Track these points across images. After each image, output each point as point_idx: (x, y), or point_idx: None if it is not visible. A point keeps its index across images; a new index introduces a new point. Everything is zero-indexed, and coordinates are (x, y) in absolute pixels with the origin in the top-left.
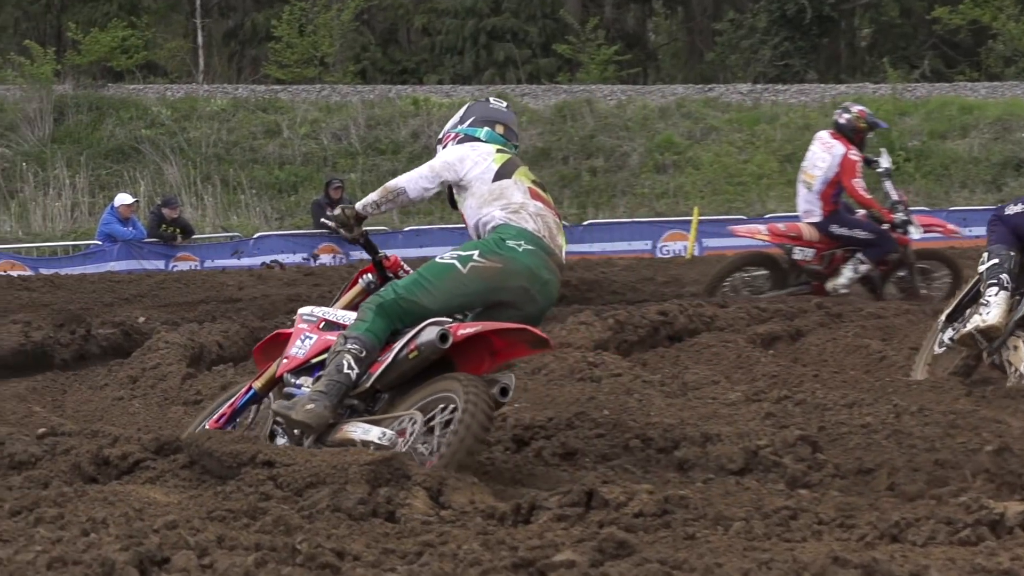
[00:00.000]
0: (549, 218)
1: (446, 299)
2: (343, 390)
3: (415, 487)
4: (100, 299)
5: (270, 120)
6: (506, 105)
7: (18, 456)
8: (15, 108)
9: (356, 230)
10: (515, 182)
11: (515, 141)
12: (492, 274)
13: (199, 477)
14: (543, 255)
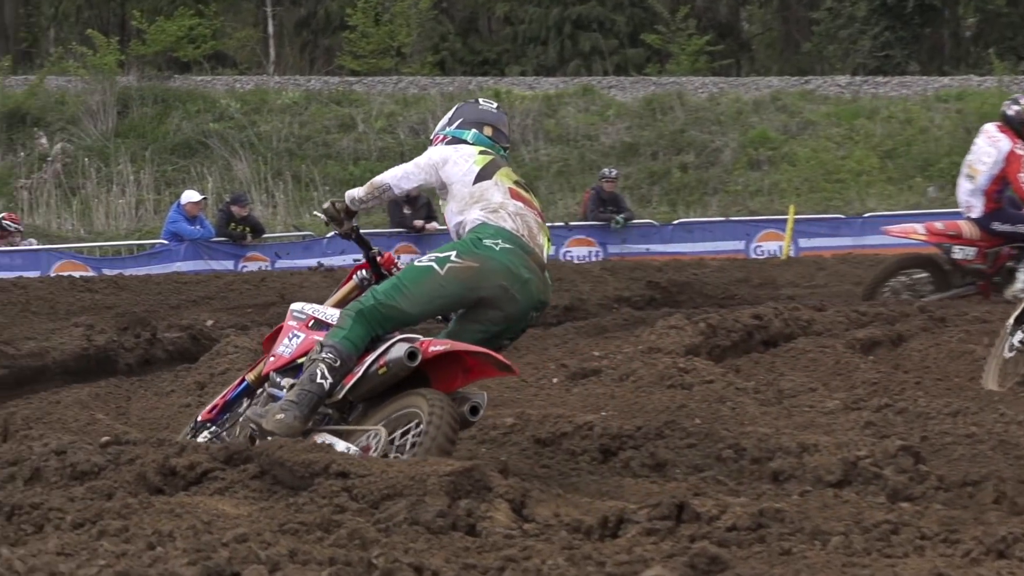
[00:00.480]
0: (530, 217)
1: (425, 302)
2: (315, 400)
3: (497, 499)
4: (166, 301)
5: (344, 113)
6: (496, 106)
7: (80, 466)
8: (77, 101)
9: (346, 224)
10: (496, 183)
11: (504, 143)
12: (470, 274)
13: (270, 488)
14: (521, 254)
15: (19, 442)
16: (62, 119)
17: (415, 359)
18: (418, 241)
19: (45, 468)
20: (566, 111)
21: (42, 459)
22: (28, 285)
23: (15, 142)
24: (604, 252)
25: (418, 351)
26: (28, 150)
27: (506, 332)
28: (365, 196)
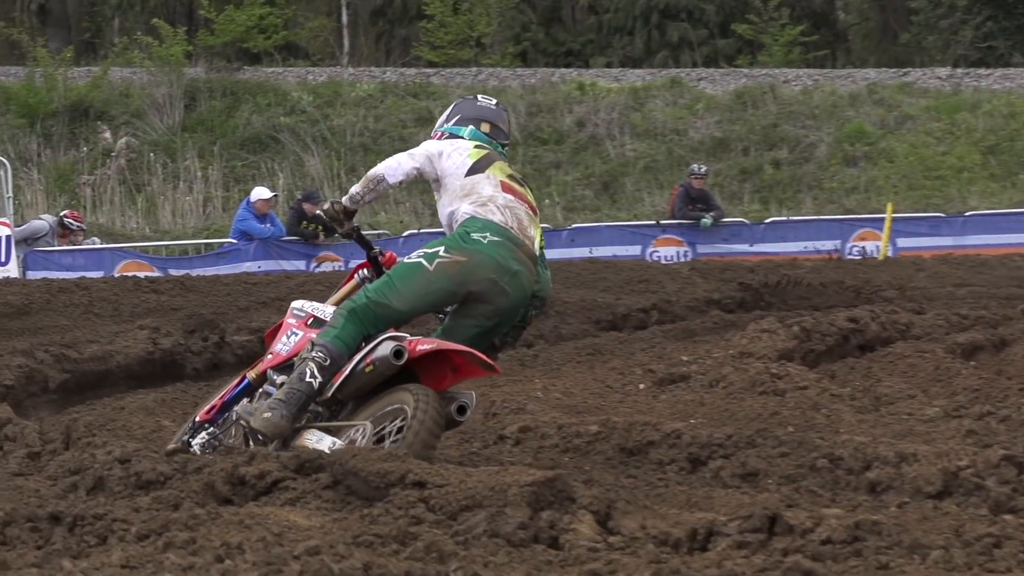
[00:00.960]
0: (520, 210)
1: (415, 299)
2: (303, 399)
3: (581, 510)
4: (235, 303)
5: (421, 107)
6: (496, 103)
7: (146, 475)
8: (143, 93)
9: (347, 224)
10: (487, 176)
11: (502, 140)
12: (458, 268)
13: (343, 498)
14: (511, 246)
15: (82, 450)
16: (127, 112)
17: (401, 357)
18: None
19: (109, 477)
20: (653, 104)
21: (106, 468)
22: (91, 286)
23: (78, 136)
24: (693, 252)
25: (404, 349)
26: (91, 145)
27: (500, 326)
28: (362, 191)
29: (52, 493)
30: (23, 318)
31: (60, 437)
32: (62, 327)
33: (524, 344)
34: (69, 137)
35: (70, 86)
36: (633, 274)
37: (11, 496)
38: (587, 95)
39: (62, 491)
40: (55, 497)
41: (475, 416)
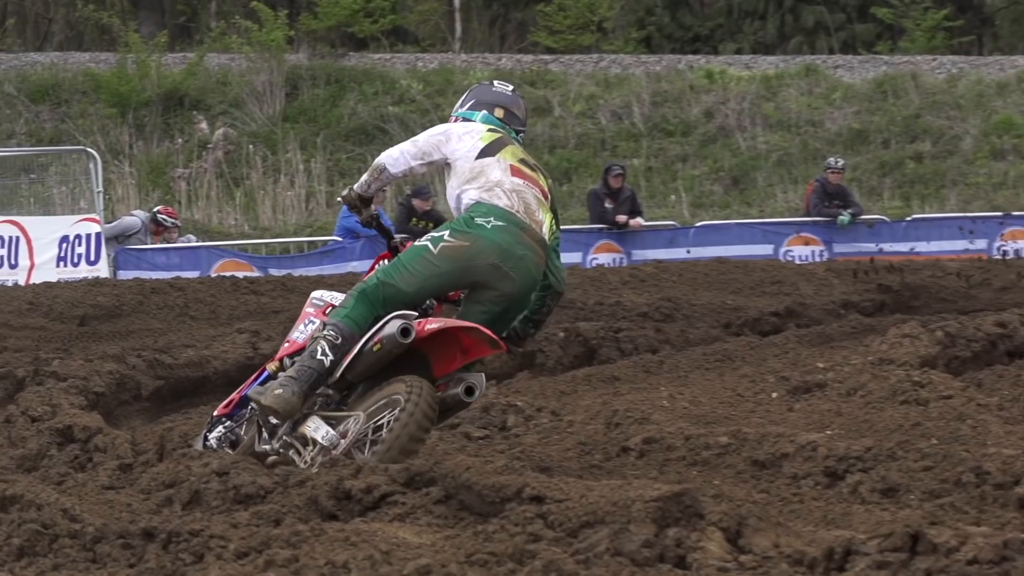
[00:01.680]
0: (527, 194)
1: (421, 282)
2: (314, 376)
3: (709, 527)
4: None
5: (539, 96)
6: (512, 88)
7: (245, 488)
8: (241, 81)
9: (364, 212)
10: (497, 160)
11: (516, 125)
12: (460, 253)
13: (456, 514)
14: (515, 231)
15: (177, 462)
16: (224, 102)
17: (408, 335)
18: (621, 239)
19: (206, 491)
20: (787, 94)
21: (202, 481)
22: (186, 286)
23: (172, 127)
24: (829, 251)
25: (411, 327)
26: (186, 136)
27: (510, 312)
28: (368, 180)
29: (145, 508)
30: (114, 321)
31: (153, 448)
32: (155, 330)
33: (649, 349)
34: (163, 128)
35: (164, 73)
36: (765, 275)
37: (102, 511)
38: (716, 84)
39: (156, 505)
40: (148, 512)
41: (596, 426)
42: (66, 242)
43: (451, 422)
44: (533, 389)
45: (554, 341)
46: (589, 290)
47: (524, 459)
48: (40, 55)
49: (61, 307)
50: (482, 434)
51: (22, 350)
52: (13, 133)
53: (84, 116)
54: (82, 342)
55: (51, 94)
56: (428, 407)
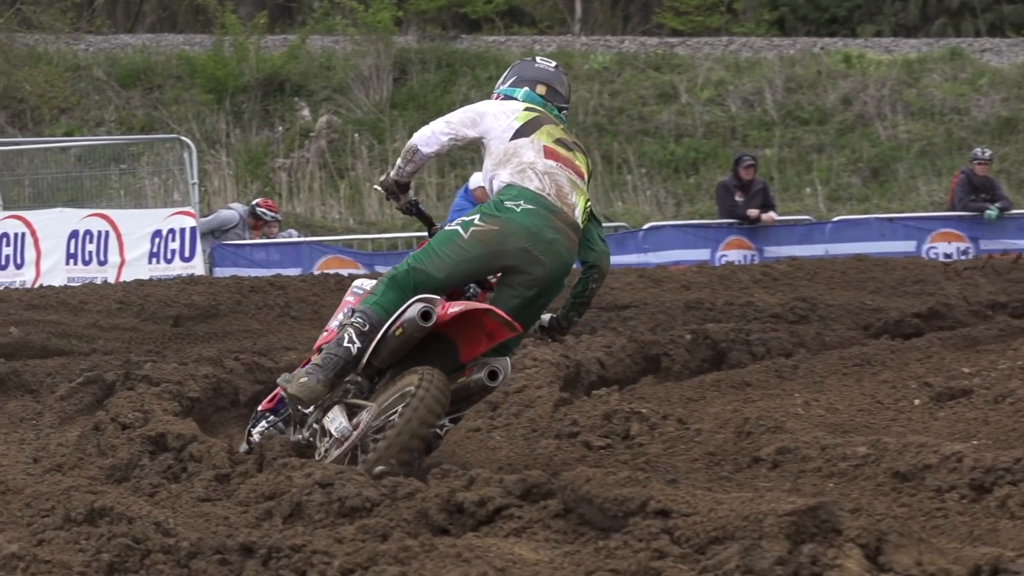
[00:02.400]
0: (560, 176)
1: (452, 267)
2: (341, 364)
3: (847, 544)
4: None
5: (664, 81)
6: (555, 65)
7: (350, 500)
8: (346, 66)
9: (402, 198)
10: (532, 140)
11: (559, 103)
12: (490, 237)
13: (575, 529)
14: (545, 214)
15: (277, 472)
16: (328, 87)
17: (428, 319)
18: (752, 235)
19: (308, 503)
20: (930, 79)
21: (304, 492)
22: (287, 285)
23: (272, 114)
24: (975, 248)
25: (432, 311)
26: (287, 124)
27: (542, 296)
28: (401, 163)
29: (243, 521)
30: (210, 321)
31: (253, 457)
32: (254, 331)
33: (782, 352)
34: (262, 115)
35: (263, 57)
36: (907, 273)
37: (197, 524)
38: (854, 68)
39: (255, 519)
40: (247, 526)
41: (726, 435)
42: (159, 237)
43: (570, 430)
44: (658, 395)
45: (681, 344)
46: (718, 289)
47: (648, 470)
48: (131, 37)
49: (153, 307)
50: (604, 443)
51: (112, 352)
52: (103, 121)
53: (178, 102)
54: (176, 344)
55: (143, 79)
56: (435, 400)
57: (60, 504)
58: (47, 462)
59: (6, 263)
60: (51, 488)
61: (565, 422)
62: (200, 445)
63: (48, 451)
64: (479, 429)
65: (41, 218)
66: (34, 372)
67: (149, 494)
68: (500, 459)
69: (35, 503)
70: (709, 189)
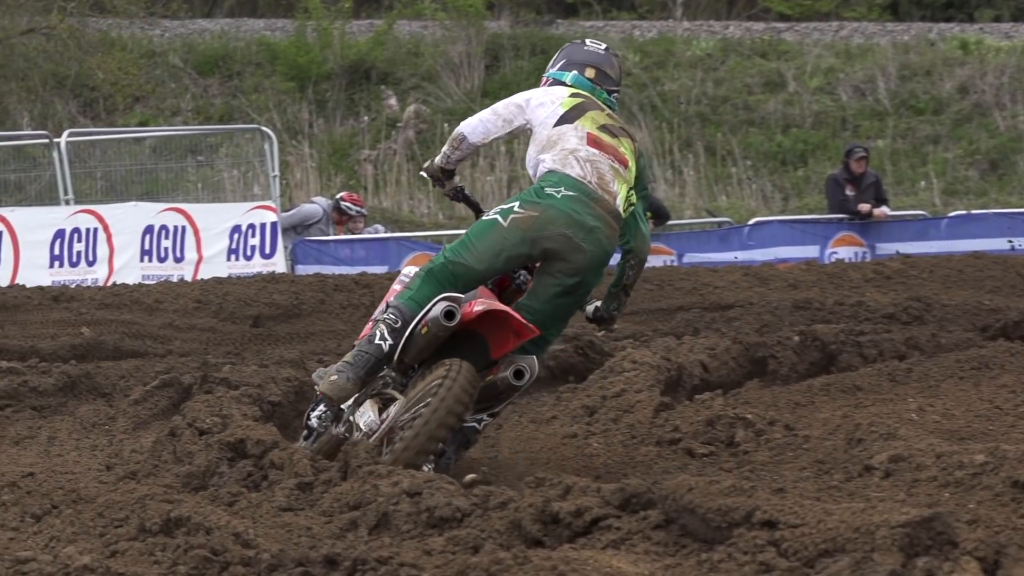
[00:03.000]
0: (603, 164)
1: (491, 257)
2: (372, 362)
3: (964, 557)
4: None
5: (771, 69)
6: (605, 47)
7: (439, 511)
8: (435, 52)
9: (448, 185)
10: (575, 127)
11: (609, 86)
12: (530, 223)
13: (677, 540)
14: (587, 200)
15: (363, 480)
16: (416, 75)
17: (452, 319)
18: (864, 231)
19: (395, 513)
20: None
21: (391, 502)
22: (373, 283)
23: (357, 103)
24: None
25: (455, 310)
26: (373, 113)
27: (582, 286)
28: (448, 150)
29: (327, 532)
30: (292, 321)
31: (337, 465)
32: (338, 332)
33: (895, 355)
34: (346, 104)
35: (348, 43)
36: None
37: (278, 535)
38: (971, 55)
39: (339, 529)
40: (330, 537)
41: (836, 442)
42: (238, 232)
43: (672, 437)
44: (764, 400)
45: (788, 346)
46: (827, 288)
47: (754, 479)
48: (209, 22)
49: (232, 306)
50: (707, 451)
51: (189, 354)
52: (179, 110)
53: (258, 91)
54: (256, 345)
55: (221, 66)
56: (462, 391)
57: (134, 514)
58: (120, 469)
59: (78, 260)
60: (125, 497)
61: (666, 428)
62: (281, 452)
63: (122, 458)
64: (575, 435)
65: (114, 212)
66: (107, 375)
67: (228, 503)
68: (598, 467)
69: (108, 512)
70: (818, 183)
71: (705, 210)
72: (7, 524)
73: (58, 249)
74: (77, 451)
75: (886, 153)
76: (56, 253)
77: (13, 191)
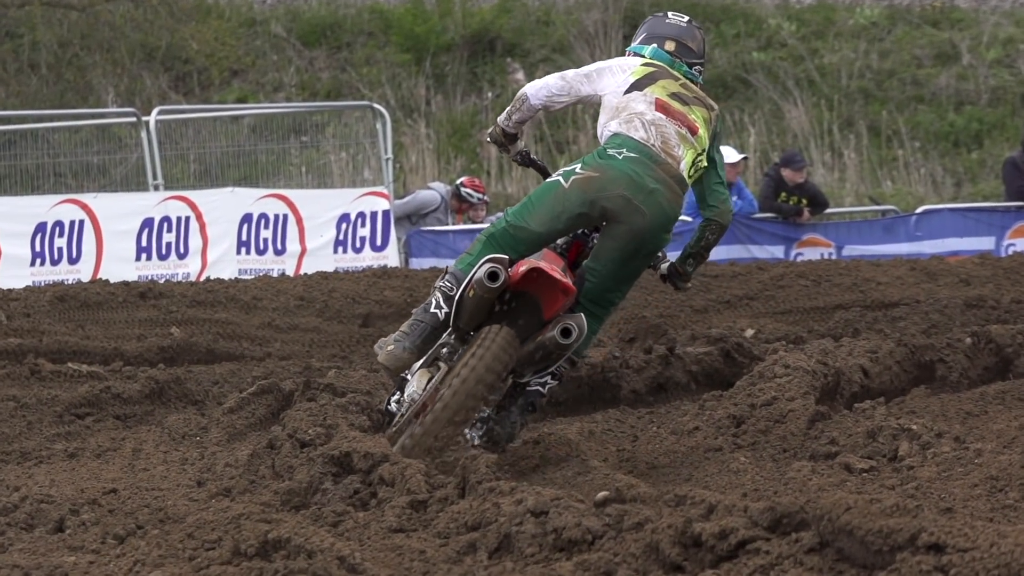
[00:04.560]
0: (668, 128)
1: (552, 219)
2: (427, 330)
3: None
4: (688, 302)
5: (942, 39)
6: (688, 20)
7: (567, 532)
8: (568, 20)
9: (511, 149)
10: (644, 93)
11: (690, 59)
12: (590, 184)
13: (833, 566)
14: (648, 163)
15: (483, 498)
16: (546, 46)
17: (496, 280)
18: None
19: (519, 535)
20: None
21: (514, 522)
22: None
23: (480, 78)
24: None
25: (499, 271)
26: (498, 89)
27: (642, 250)
28: (510, 111)
29: (443, 555)
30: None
31: (454, 481)
32: None
33: None
34: (468, 79)
35: (470, 11)
36: None
37: (388, 559)
38: None
39: (456, 553)
40: (446, 561)
41: (1012, 457)
42: (346, 222)
43: (828, 450)
44: (932, 409)
45: (959, 349)
46: (1003, 284)
47: (920, 497)
48: None
49: (339, 303)
50: (867, 465)
51: (290, 357)
52: (281, 85)
53: (369, 63)
54: (365, 347)
55: (329, 36)
56: (499, 350)
57: (228, 535)
58: (213, 485)
59: (167, 252)
60: (218, 516)
61: (822, 440)
62: (392, 466)
63: (214, 472)
64: (720, 448)
65: (208, 199)
66: (199, 380)
67: (332, 523)
68: (745, 484)
69: (199, 533)
70: (995, 166)
71: (868, 197)
72: (87, 546)
73: (146, 240)
74: (165, 465)
75: None
76: (144, 244)
77: (97, 175)
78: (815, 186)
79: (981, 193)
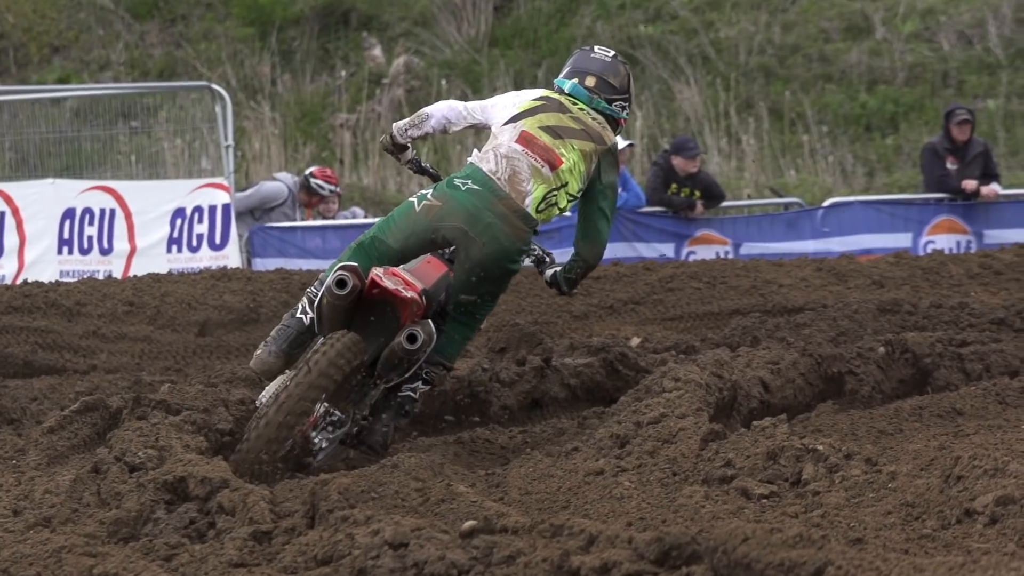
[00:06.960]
0: (521, 162)
1: (404, 238)
2: (292, 335)
3: None
4: (566, 307)
5: (853, 10)
6: (613, 55)
7: (430, 566)
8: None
9: (402, 157)
10: (515, 126)
11: (610, 95)
12: (434, 212)
13: None
14: (489, 197)
15: (335, 529)
16: (406, 19)
17: (343, 287)
18: (968, 214)
19: (375, 570)
20: None
21: (370, 555)
22: None
23: (332, 55)
24: None
25: (347, 278)
26: (353, 68)
27: (487, 280)
28: (407, 124)
29: None
30: (247, 328)
31: (302, 509)
32: None
33: (1006, 371)
34: (319, 56)
35: None
36: None
37: None
38: None
39: None
40: None
41: (930, 480)
42: (181, 217)
43: (723, 474)
44: (840, 427)
45: (870, 359)
46: (921, 286)
47: (826, 526)
48: None
49: (173, 309)
50: (767, 491)
51: (117, 370)
52: (108, 63)
53: (208, 39)
54: (202, 359)
55: (161, 8)
56: (335, 355)
57: (48, 570)
58: (31, 515)
59: None
60: (36, 549)
61: (716, 463)
62: (232, 493)
63: (32, 500)
64: (602, 472)
65: (26, 192)
66: (14, 396)
67: (165, 557)
68: (630, 511)
69: (15, 568)
70: (912, 153)
71: (769, 188)
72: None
73: None
74: None
75: (997, 116)
76: None
77: None
78: (710, 176)
79: (897, 184)
